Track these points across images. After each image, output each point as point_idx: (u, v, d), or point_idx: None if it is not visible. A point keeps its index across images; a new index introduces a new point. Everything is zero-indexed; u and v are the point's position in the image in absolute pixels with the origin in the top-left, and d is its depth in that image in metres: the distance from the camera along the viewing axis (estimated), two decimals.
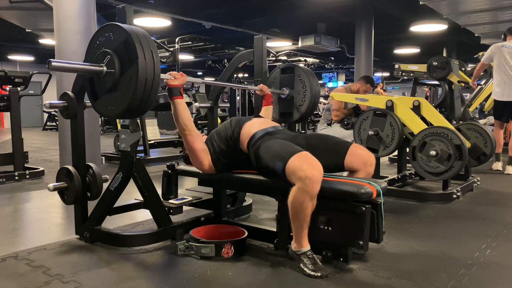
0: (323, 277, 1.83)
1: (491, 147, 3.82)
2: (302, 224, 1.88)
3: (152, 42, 1.85)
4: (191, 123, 2.14)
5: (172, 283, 1.83)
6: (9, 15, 7.39)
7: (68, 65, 1.97)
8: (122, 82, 1.84)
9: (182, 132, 2.13)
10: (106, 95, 1.92)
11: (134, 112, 1.88)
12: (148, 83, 1.79)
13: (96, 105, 2.00)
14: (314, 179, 1.80)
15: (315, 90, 2.99)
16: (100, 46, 1.94)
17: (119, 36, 1.86)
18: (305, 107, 3.00)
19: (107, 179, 2.47)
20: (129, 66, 1.80)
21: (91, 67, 1.88)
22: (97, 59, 1.92)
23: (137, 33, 1.82)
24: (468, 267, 1.97)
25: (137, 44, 1.78)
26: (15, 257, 2.10)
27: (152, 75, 1.80)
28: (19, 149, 4.39)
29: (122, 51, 1.84)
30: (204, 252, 2.05)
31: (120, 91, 1.85)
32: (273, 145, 2.03)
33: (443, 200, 3.28)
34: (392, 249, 2.23)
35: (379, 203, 1.91)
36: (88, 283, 1.80)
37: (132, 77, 1.79)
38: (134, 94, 1.78)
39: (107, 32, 1.92)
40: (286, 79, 3.06)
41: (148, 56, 1.79)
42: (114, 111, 1.89)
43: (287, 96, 3.03)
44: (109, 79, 1.87)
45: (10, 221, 2.94)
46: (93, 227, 2.28)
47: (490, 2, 6.51)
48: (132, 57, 1.79)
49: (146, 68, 1.78)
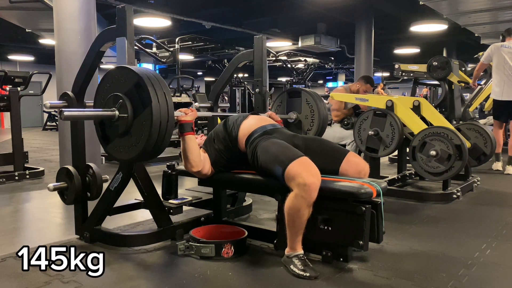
0: (311, 277, 1.82)
1: (491, 147, 3.82)
2: (298, 230, 1.89)
3: (164, 83, 1.83)
4: (200, 159, 2.15)
5: (172, 283, 1.83)
6: (9, 15, 7.39)
7: (80, 113, 1.97)
8: (136, 126, 1.82)
9: (190, 168, 2.13)
10: (118, 139, 1.90)
11: (149, 155, 1.86)
12: (162, 125, 1.77)
13: (108, 149, 1.97)
14: (312, 186, 1.80)
15: (323, 114, 2.89)
16: (111, 89, 1.91)
17: (130, 79, 1.83)
18: (313, 132, 2.89)
19: (107, 179, 2.47)
20: (142, 109, 1.79)
21: (103, 112, 1.86)
22: (108, 103, 1.89)
23: (149, 76, 1.81)
24: (468, 267, 1.97)
25: (150, 86, 1.76)
26: (15, 257, 2.10)
27: (166, 117, 1.79)
28: (19, 149, 4.38)
29: (134, 95, 1.81)
30: (204, 252, 2.05)
31: (134, 135, 1.83)
32: (272, 147, 2.03)
33: (443, 200, 3.28)
34: (392, 249, 2.23)
35: (379, 203, 1.91)
36: (88, 283, 1.81)
37: (146, 121, 1.77)
38: (149, 137, 1.76)
39: (117, 74, 1.90)
40: (293, 103, 2.99)
41: (161, 98, 1.77)
42: (129, 155, 1.87)
43: (295, 120, 2.98)
44: (122, 123, 1.85)
45: (10, 221, 2.94)
46: (93, 227, 2.28)
47: (490, 2, 6.52)
48: (145, 101, 1.77)
49: (160, 110, 1.76)
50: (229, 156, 2.22)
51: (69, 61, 3.76)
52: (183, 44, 10.91)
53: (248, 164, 2.17)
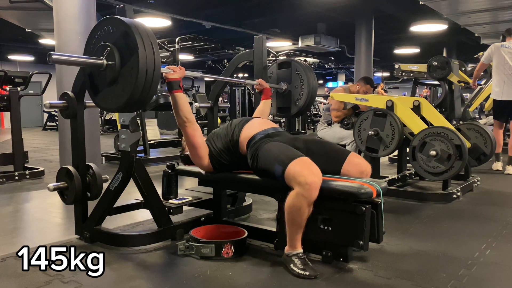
0: (311, 277, 1.82)
1: (491, 147, 3.81)
2: (298, 229, 1.89)
3: (152, 34, 1.83)
4: (192, 115, 2.13)
5: (173, 283, 1.83)
6: (9, 15, 7.40)
7: (68, 58, 1.99)
8: (123, 74, 1.82)
9: (183, 124, 2.12)
10: (106, 88, 1.90)
11: (135, 104, 1.86)
12: (149, 74, 1.77)
13: (96, 99, 1.98)
14: (313, 185, 1.81)
15: (312, 84, 2.98)
16: (99, 39, 1.92)
17: (119, 29, 1.84)
18: (303, 101, 2.99)
19: (107, 179, 2.47)
20: (129, 57, 1.79)
21: (91, 60, 1.86)
22: (96, 53, 1.89)
23: (136, 25, 1.81)
24: (468, 267, 1.97)
25: (137, 35, 1.77)
26: (15, 257, 2.10)
27: (153, 66, 1.79)
28: (19, 149, 4.39)
29: (121, 43, 1.82)
30: (204, 252, 2.05)
31: (121, 84, 1.83)
32: (273, 148, 2.03)
33: (443, 200, 3.28)
34: (392, 249, 2.23)
35: (379, 203, 1.91)
36: (88, 283, 1.81)
37: (132, 68, 1.77)
38: (135, 85, 1.76)
39: (106, 25, 1.90)
40: (283, 74, 3.05)
41: (148, 47, 1.77)
42: (115, 103, 1.87)
43: (285, 90, 3.02)
44: (109, 72, 1.85)
45: (10, 221, 2.94)
46: (93, 227, 2.28)
47: (490, 2, 6.52)
48: (132, 49, 1.77)
49: (146, 58, 1.76)
50: (229, 158, 2.22)
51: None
52: (183, 44, 10.92)
53: (247, 166, 2.17)
